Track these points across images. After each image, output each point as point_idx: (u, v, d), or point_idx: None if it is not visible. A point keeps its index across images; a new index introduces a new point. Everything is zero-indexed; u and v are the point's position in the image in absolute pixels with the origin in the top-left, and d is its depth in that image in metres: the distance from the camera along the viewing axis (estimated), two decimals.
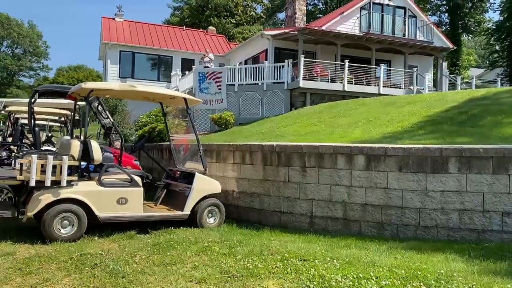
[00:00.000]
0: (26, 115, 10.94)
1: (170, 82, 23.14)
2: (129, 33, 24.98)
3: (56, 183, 5.44)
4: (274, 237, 5.89)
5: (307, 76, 16.45)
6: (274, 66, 17.12)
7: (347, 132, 10.14)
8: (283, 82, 16.57)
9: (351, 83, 17.12)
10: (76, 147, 5.71)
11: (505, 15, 28.44)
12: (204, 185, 6.56)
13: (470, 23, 37.85)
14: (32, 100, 7.42)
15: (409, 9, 21.96)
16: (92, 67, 61.81)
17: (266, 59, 18.88)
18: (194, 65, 22.02)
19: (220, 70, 17.66)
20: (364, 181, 6.01)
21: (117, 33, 24.57)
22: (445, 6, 38.60)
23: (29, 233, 5.73)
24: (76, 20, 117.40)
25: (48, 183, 5.35)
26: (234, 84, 16.91)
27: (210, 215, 6.59)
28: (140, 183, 6.09)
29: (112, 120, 8.21)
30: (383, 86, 17.42)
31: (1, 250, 5.04)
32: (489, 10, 38.87)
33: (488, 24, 37.67)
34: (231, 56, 24.70)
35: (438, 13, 39.86)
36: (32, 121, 7.68)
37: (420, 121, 10.13)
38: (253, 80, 17.00)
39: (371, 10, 20.63)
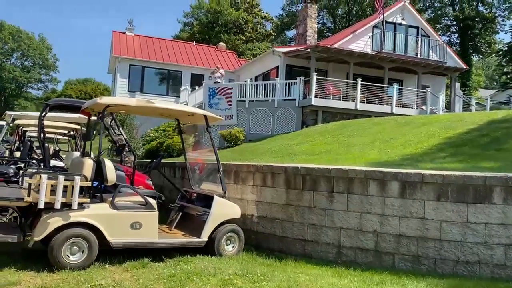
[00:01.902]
0: (34, 128, 10.61)
1: (179, 97, 22.92)
2: (140, 48, 24.92)
3: (66, 205, 5.02)
4: (300, 269, 5.41)
5: (319, 94, 16.18)
6: (286, 83, 16.87)
7: (363, 152, 9.78)
8: (295, 99, 16.31)
9: (364, 102, 16.84)
10: (89, 166, 5.30)
11: None
12: (223, 209, 6.10)
13: (480, 44, 37.72)
14: (43, 113, 7.06)
15: (421, 28, 21.76)
16: (99, 81, 62.01)
17: (277, 76, 18.64)
18: (203, 80, 21.80)
19: (230, 85, 17.39)
20: (398, 210, 5.55)
21: (127, 47, 24.52)
22: (455, 27, 38.56)
23: (35, 258, 5.28)
24: (86, 34, 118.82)
25: (58, 206, 4.92)
26: (244, 100, 16.65)
27: (228, 242, 6.11)
28: (156, 206, 5.65)
29: (125, 137, 7.84)
30: (396, 106, 17.09)
31: (5, 278, 4.60)
32: (500, 31, 38.70)
33: (498, 46, 37.53)
34: (241, 72, 24.52)
35: (448, 33, 39.81)
36: (42, 135, 7.29)
37: (439, 143, 9.78)
38: (264, 96, 16.75)
39: (384, 29, 20.42)
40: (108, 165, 5.46)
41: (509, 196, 5.09)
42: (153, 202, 5.67)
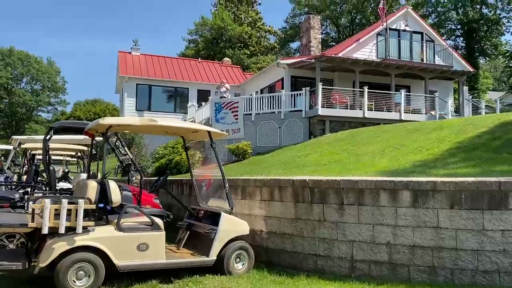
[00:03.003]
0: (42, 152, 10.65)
1: (187, 113, 23.01)
2: (146, 66, 25.19)
3: (71, 229, 4.95)
4: (312, 286, 5.24)
5: (325, 104, 16.09)
6: (291, 95, 16.84)
7: (373, 161, 9.60)
8: (301, 110, 16.24)
9: (371, 110, 16.69)
10: (92, 189, 5.24)
11: None
12: (231, 226, 5.98)
13: (486, 46, 37.39)
14: (47, 137, 7.06)
15: (426, 34, 21.67)
16: (109, 101, 62.66)
17: (282, 88, 18.62)
18: (210, 96, 21.92)
19: (236, 99, 17.41)
20: (411, 220, 5.37)
21: (133, 66, 24.80)
22: (460, 30, 38.34)
23: (42, 284, 5.20)
24: (92, 55, 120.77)
25: (62, 230, 4.85)
26: (250, 114, 16.63)
27: (238, 259, 5.97)
28: (162, 226, 5.55)
29: (131, 157, 7.80)
30: (404, 112, 16.91)
31: None
32: (506, 33, 38.36)
33: (505, 47, 37.14)
34: (246, 86, 24.58)
35: (453, 37, 39.57)
36: (47, 159, 7.28)
37: (451, 148, 9.57)
38: (270, 109, 16.72)
39: (388, 36, 20.36)
40: (112, 186, 5.39)
41: None
42: (159, 222, 5.57)
